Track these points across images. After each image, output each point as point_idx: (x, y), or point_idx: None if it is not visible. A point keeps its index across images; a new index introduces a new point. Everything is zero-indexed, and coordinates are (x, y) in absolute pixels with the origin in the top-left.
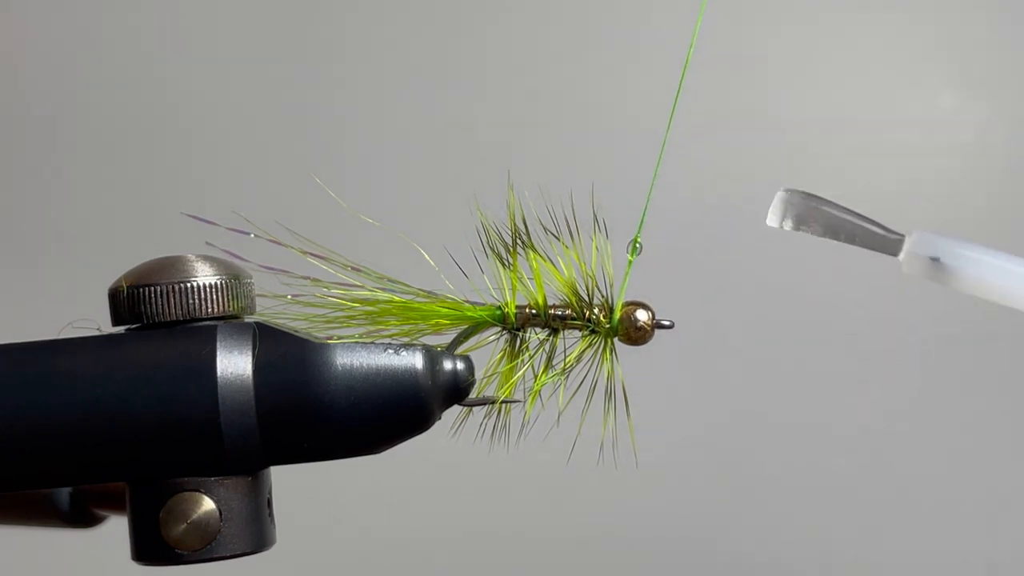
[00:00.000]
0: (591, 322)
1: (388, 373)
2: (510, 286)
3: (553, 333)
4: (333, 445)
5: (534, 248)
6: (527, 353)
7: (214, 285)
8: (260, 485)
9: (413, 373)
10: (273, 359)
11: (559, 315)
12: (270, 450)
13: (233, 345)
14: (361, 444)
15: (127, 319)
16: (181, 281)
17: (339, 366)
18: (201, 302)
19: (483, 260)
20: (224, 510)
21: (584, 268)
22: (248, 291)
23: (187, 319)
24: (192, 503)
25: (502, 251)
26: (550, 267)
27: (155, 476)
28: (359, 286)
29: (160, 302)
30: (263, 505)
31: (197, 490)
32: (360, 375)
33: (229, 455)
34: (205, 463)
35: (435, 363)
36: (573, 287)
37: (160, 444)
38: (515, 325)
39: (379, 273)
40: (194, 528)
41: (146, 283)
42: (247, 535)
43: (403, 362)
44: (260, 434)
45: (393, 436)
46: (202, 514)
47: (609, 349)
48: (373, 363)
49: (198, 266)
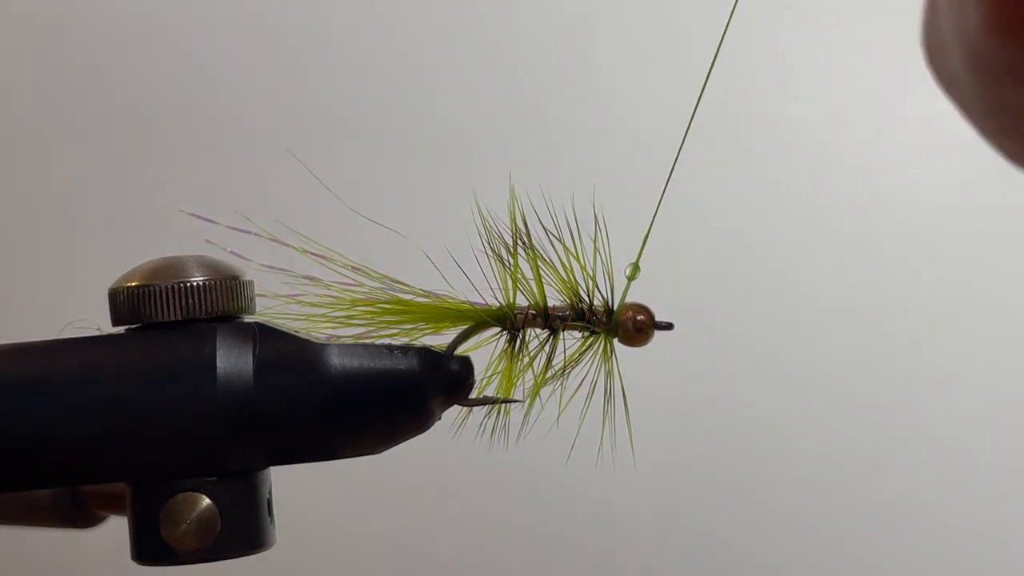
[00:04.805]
0: (591, 323)
1: (388, 373)
2: (510, 286)
3: (553, 334)
4: (333, 445)
5: (534, 248)
6: (527, 354)
7: (214, 285)
8: (260, 485)
9: (413, 373)
10: (273, 359)
11: (559, 316)
12: (270, 450)
13: (233, 345)
14: (361, 444)
15: (127, 319)
16: (181, 281)
17: (339, 366)
18: (201, 302)
19: (483, 260)
20: (224, 510)
21: (584, 269)
22: (248, 291)
23: (187, 319)
24: (192, 503)
25: (502, 251)
26: (550, 268)
27: (155, 476)
28: (359, 286)
29: (160, 302)
30: (263, 505)
31: (197, 490)
32: (360, 375)
33: (229, 455)
34: (205, 463)
35: (435, 363)
36: (573, 288)
37: (160, 444)
38: (515, 325)
39: (379, 273)
40: (194, 528)
41: (146, 283)
42: (247, 535)
43: (403, 362)
44: (260, 434)
45: (393, 436)
46: (202, 514)
47: (609, 350)
48: (373, 363)
49: (198, 266)
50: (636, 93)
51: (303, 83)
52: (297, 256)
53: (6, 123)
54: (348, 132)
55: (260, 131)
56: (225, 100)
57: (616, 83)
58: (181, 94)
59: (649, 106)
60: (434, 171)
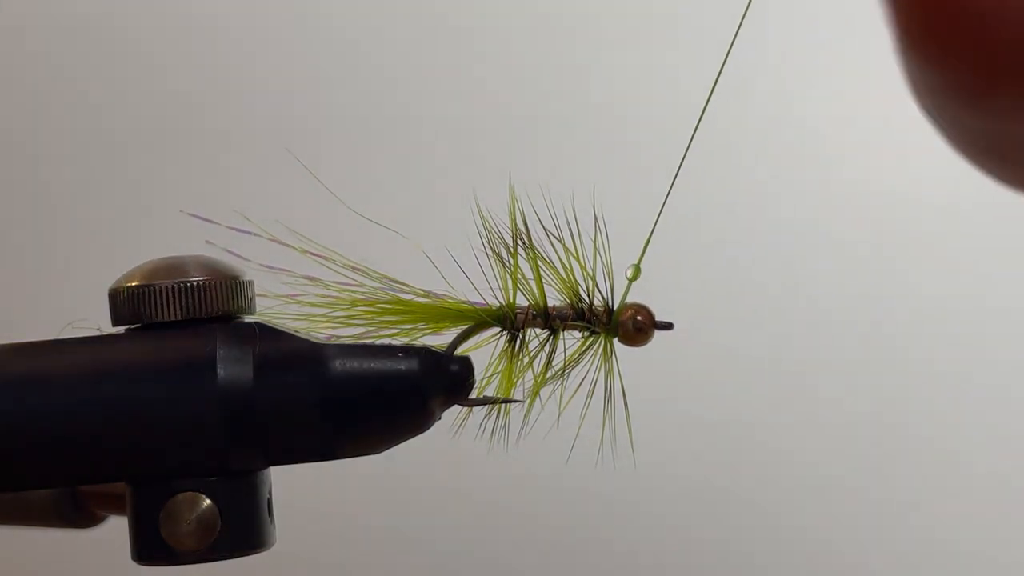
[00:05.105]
0: (591, 323)
1: (388, 373)
2: (510, 286)
3: (553, 334)
4: (333, 445)
5: (534, 248)
6: (527, 354)
7: (214, 285)
8: (260, 485)
9: (413, 373)
10: (274, 359)
11: (559, 315)
12: (270, 450)
13: (233, 345)
14: (361, 444)
15: (127, 319)
16: (181, 281)
17: (339, 366)
18: (201, 302)
19: (483, 260)
20: (224, 510)
21: (584, 269)
22: (248, 291)
23: (187, 319)
24: (192, 503)
25: (502, 251)
26: (550, 268)
27: (155, 476)
28: (359, 286)
29: (160, 302)
30: (263, 505)
31: (197, 490)
32: (360, 375)
33: (229, 455)
34: (205, 463)
35: (435, 363)
36: (573, 288)
37: (160, 444)
38: (515, 325)
39: (379, 273)
40: (194, 528)
41: (146, 283)
42: (247, 535)
43: (403, 362)
44: (260, 434)
45: (393, 436)
46: (202, 514)
47: (609, 350)
48: (373, 363)
49: (198, 266)
50: (636, 93)
51: (303, 83)
52: (297, 256)
53: (6, 123)
54: (348, 132)
55: (260, 131)
56: (225, 100)
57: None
58: (181, 94)
59: (649, 106)
60: (434, 171)
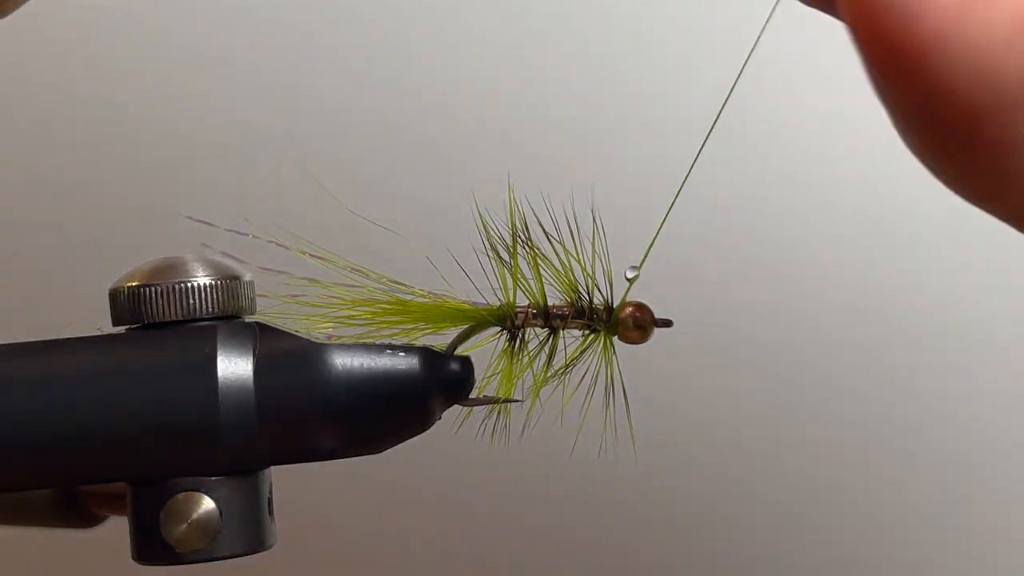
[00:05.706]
0: (591, 322)
1: (388, 373)
2: (510, 286)
3: (553, 332)
4: (334, 445)
5: (534, 247)
6: (527, 353)
7: (214, 285)
8: (260, 485)
9: (413, 373)
10: (274, 359)
11: (559, 314)
12: (270, 450)
13: (233, 345)
14: (361, 444)
15: (127, 319)
16: (181, 281)
17: (339, 366)
18: (201, 302)
19: (483, 260)
20: (224, 510)
21: (584, 268)
22: (249, 291)
23: (187, 319)
24: (192, 503)
25: (502, 251)
26: (550, 267)
27: (155, 476)
28: (359, 286)
29: (160, 302)
30: (263, 505)
31: (197, 490)
32: (360, 375)
33: (229, 455)
34: (205, 463)
35: (435, 363)
36: (573, 286)
37: (160, 444)
38: (515, 325)
39: (379, 273)
40: (194, 528)
41: (146, 283)
42: (247, 535)
43: (403, 362)
44: (260, 434)
45: (393, 436)
46: (202, 514)
47: (609, 348)
48: (373, 363)
49: (198, 266)
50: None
51: (303, 83)
52: (297, 257)
53: (5, 122)
54: (348, 132)
55: (260, 131)
56: (225, 100)
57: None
58: (181, 94)
59: (649, 106)
60: (434, 171)
